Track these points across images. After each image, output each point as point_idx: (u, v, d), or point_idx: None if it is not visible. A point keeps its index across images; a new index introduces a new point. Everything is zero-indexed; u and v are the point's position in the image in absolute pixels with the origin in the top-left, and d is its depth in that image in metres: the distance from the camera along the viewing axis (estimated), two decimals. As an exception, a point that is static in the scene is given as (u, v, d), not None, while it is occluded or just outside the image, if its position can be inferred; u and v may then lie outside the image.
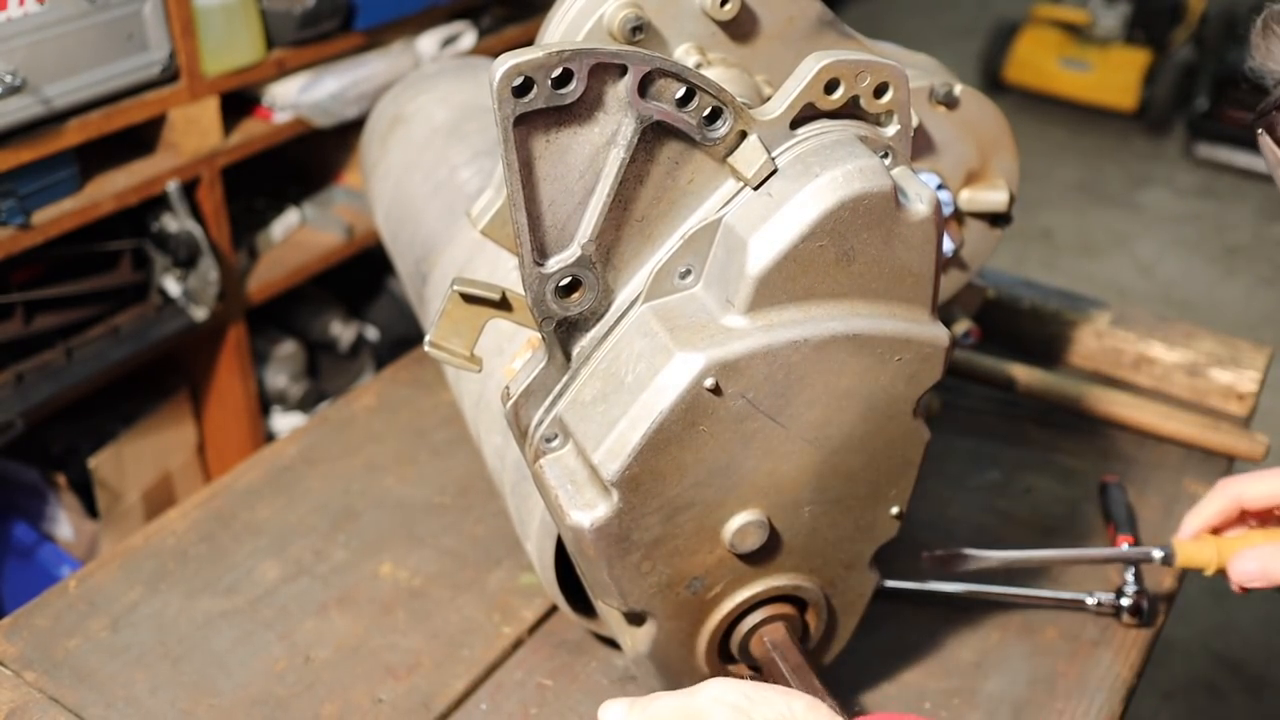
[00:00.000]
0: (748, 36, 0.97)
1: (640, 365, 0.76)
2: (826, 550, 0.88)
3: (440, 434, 1.35)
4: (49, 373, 1.91)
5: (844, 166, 0.74)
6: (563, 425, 0.80)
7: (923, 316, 0.81)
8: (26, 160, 1.75)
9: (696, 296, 0.78)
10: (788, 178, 0.75)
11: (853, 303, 0.78)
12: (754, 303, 0.75)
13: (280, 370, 2.41)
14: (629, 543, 0.80)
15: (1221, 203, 4.29)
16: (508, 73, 0.68)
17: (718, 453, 0.78)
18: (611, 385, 0.78)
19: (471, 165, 1.25)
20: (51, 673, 1.04)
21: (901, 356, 0.80)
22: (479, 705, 1.03)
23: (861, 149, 0.76)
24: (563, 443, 0.81)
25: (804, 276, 0.75)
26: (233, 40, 2.01)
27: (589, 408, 0.78)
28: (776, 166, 0.76)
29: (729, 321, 0.76)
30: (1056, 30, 4.70)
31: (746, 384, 0.76)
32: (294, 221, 2.40)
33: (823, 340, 0.77)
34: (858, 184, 0.74)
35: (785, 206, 0.74)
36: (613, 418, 0.76)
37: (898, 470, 0.86)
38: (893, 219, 0.76)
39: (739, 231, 0.75)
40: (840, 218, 0.74)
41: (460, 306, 0.85)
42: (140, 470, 2.21)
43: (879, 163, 0.76)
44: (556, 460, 0.81)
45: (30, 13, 1.71)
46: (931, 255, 0.79)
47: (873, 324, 0.78)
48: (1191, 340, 1.45)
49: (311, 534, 1.21)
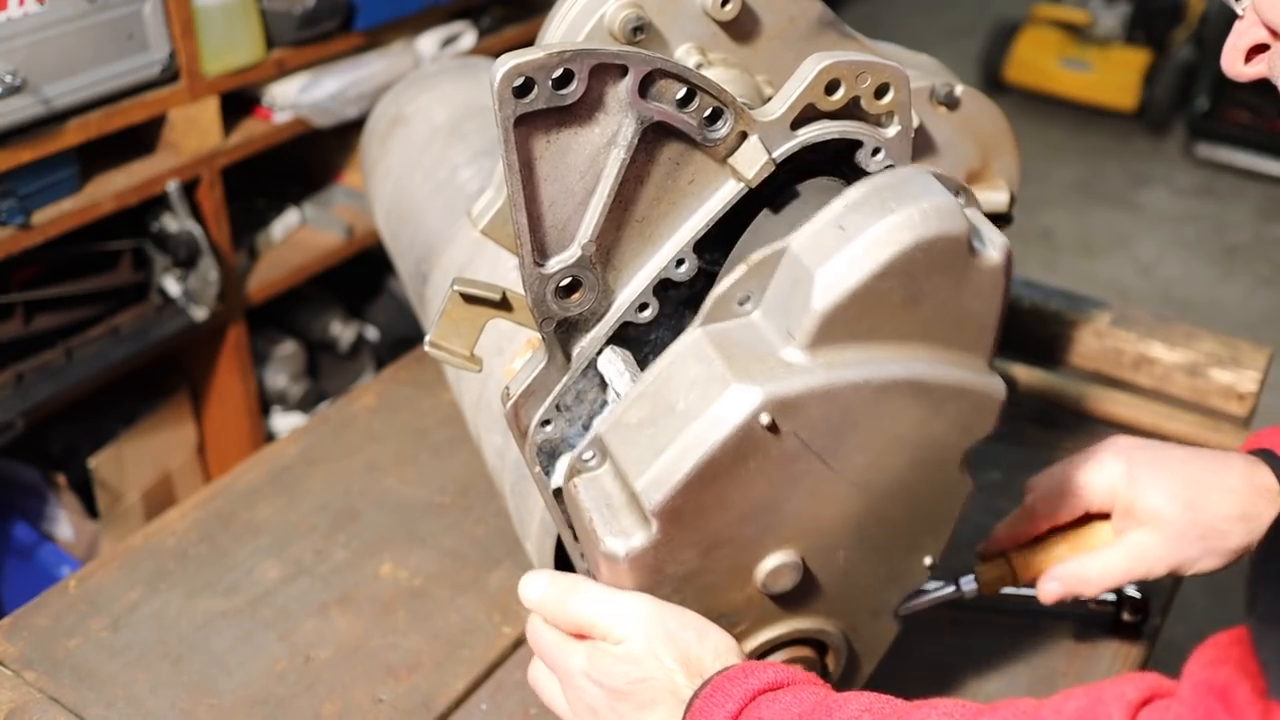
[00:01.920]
0: (749, 37, 0.97)
1: (693, 393, 0.73)
2: (856, 596, 0.86)
3: (440, 434, 1.35)
4: (49, 373, 1.91)
5: (920, 205, 0.71)
6: (603, 446, 0.77)
7: (981, 366, 0.78)
8: (26, 160, 1.75)
9: (755, 324, 0.75)
10: (861, 211, 0.71)
11: (914, 347, 0.74)
12: (816, 339, 0.72)
13: (280, 370, 2.41)
14: (661, 575, 0.77)
15: (1221, 203, 4.29)
16: (508, 73, 0.68)
17: (763, 491, 0.75)
18: (660, 410, 0.74)
19: (472, 165, 1.25)
20: (51, 673, 1.04)
21: (958, 406, 0.77)
22: (479, 705, 1.03)
23: (938, 186, 0.73)
24: (600, 463, 0.78)
25: (869, 316, 0.72)
26: (233, 40, 2.01)
27: (634, 431, 0.75)
28: (776, 166, 0.76)
29: (788, 355, 0.72)
30: (1056, 30, 4.70)
31: (802, 423, 0.73)
32: (294, 221, 2.40)
33: (883, 384, 0.73)
34: (934, 224, 0.70)
35: (857, 241, 0.70)
36: (660, 445, 0.73)
37: (938, 520, 0.84)
38: (965, 264, 0.73)
39: (806, 262, 0.71)
40: (913, 258, 0.70)
41: (460, 306, 0.85)
42: (140, 470, 2.21)
43: (956, 203, 0.72)
44: (593, 481, 0.78)
45: (30, 13, 1.71)
46: (998, 304, 0.76)
47: (933, 371, 0.75)
48: (1191, 340, 1.45)
49: (311, 534, 1.21)
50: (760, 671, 0.75)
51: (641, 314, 0.82)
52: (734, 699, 0.73)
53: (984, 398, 0.78)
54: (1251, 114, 4.30)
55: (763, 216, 0.82)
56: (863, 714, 0.71)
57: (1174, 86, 4.57)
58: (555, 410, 0.85)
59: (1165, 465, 0.94)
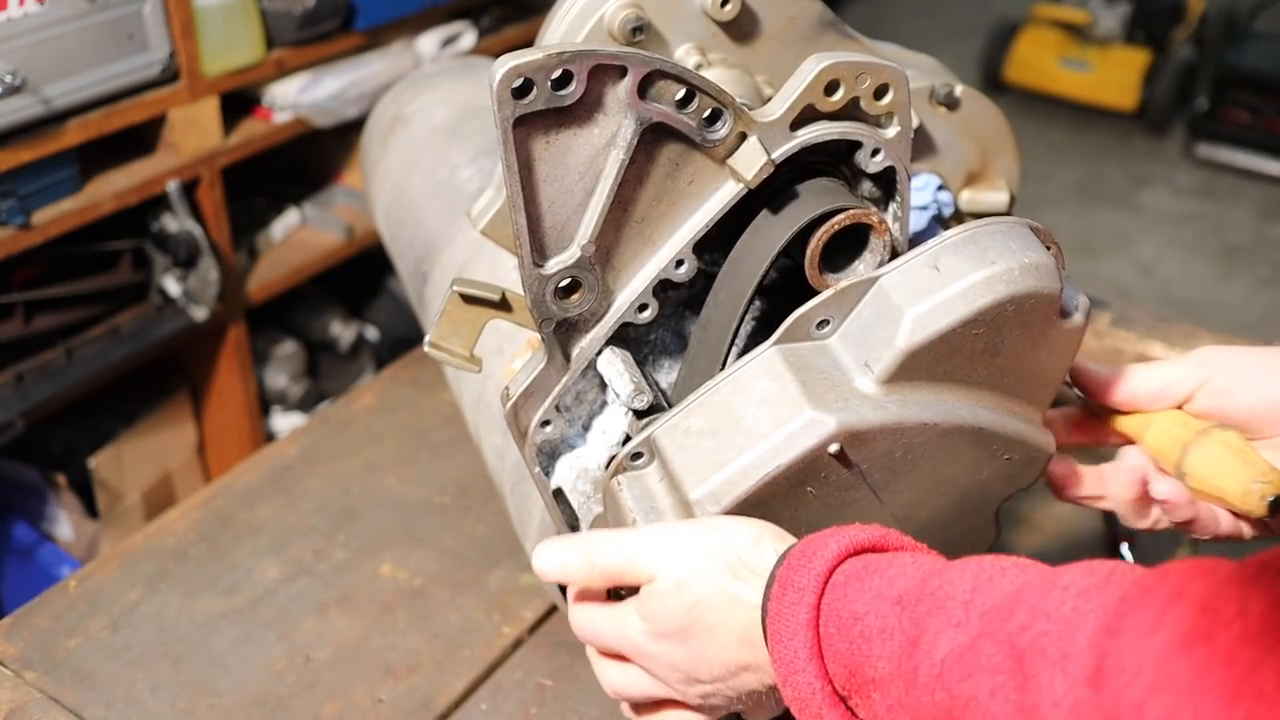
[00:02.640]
0: (748, 37, 0.97)
1: (762, 411, 0.73)
2: None
3: (440, 434, 1.35)
4: (49, 373, 1.92)
5: (1021, 260, 0.72)
6: (655, 447, 0.76)
7: (1037, 419, 0.79)
8: (26, 160, 1.76)
9: (830, 350, 0.75)
10: (959, 256, 0.72)
11: (982, 394, 0.75)
12: (894, 374, 0.72)
13: (280, 370, 2.42)
14: None
15: (1221, 203, 4.29)
16: (507, 74, 0.68)
17: (812, 516, 0.75)
18: (725, 422, 0.74)
19: (471, 165, 1.25)
20: (51, 673, 1.04)
21: (1011, 456, 0.78)
22: (479, 705, 1.03)
23: (1036, 243, 0.74)
24: (648, 462, 0.77)
25: (949, 360, 0.73)
26: (233, 40, 2.01)
27: (693, 439, 0.74)
28: (776, 167, 0.76)
29: (862, 386, 0.73)
30: (1056, 30, 4.70)
31: (866, 455, 0.73)
32: (294, 221, 2.40)
33: (949, 427, 0.74)
34: (1032, 281, 0.72)
35: (952, 286, 0.71)
36: (722, 458, 0.72)
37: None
38: (1048, 322, 0.74)
39: (895, 299, 0.72)
40: (1003, 311, 0.72)
41: (460, 307, 0.85)
42: (140, 470, 2.21)
43: (1053, 263, 0.74)
44: (637, 480, 0.77)
45: (30, 13, 1.71)
46: (1068, 364, 0.78)
47: (996, 420, 0.76)
48: (1191, 340, 1.45)
49: (311, 534, 1.21)
50: (837, 536, 0.67)
51: (641, 315, 0.82)
52: (813, 575, 0.65)
53: (1036, 451, 0.79)
54: (1251, 114, 4.30)
55: (762, 217, 0.82)
56: (973, 594, 0.61)
57: (1174, 86, 4.57)
58: (555, 411, 0.85)
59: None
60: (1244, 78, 4.27)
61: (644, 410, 0.82)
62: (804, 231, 0.80)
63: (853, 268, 0.84)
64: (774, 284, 0.89)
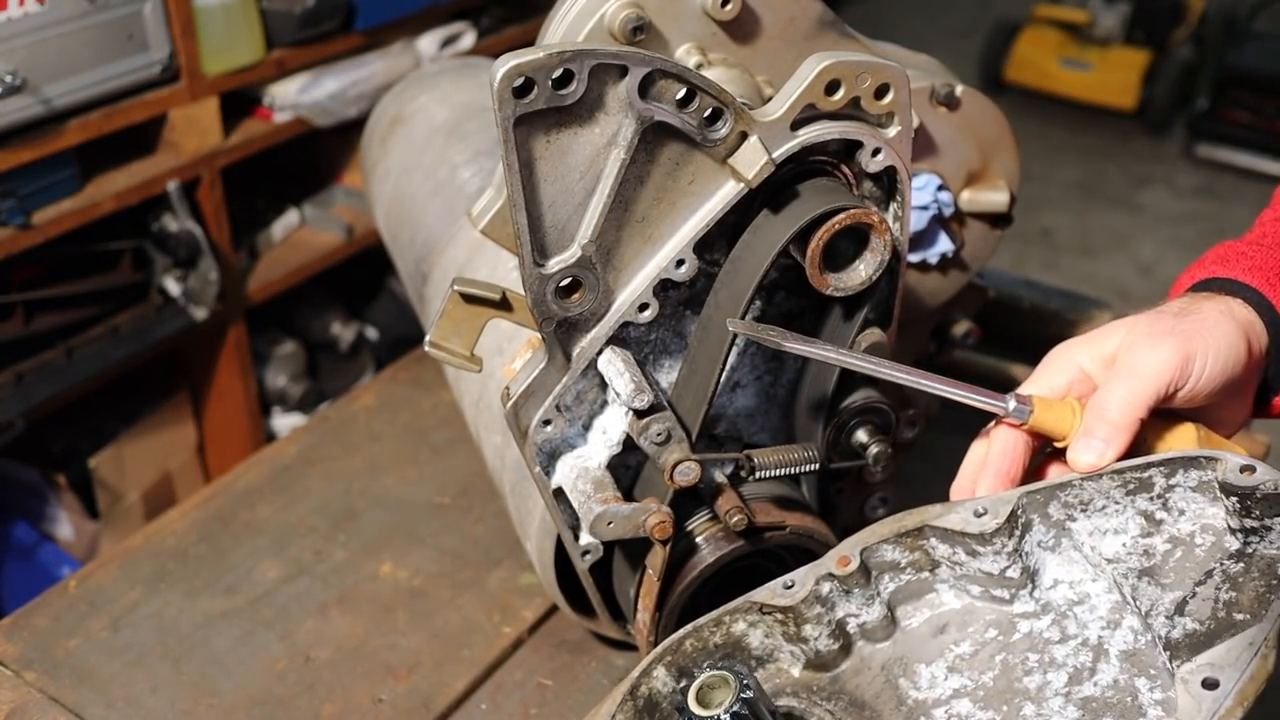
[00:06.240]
0: (749, 37, 0.97)
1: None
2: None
3: (440, 434, 1.35)
4: (49, 373, 1.92)
5: None
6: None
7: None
8: (27, 160, 1.76)
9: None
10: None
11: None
12: None
13: (280, 370, 2.42)
14: None
15: (1221, 203, 4.29)
16: (508, 73, 0.68)
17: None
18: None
19: (471, 165, 1.25)
20: (51, 673, 1.04)
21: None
22: (479, 705, 1.03)
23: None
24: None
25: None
26: (233, 40, 2.01)
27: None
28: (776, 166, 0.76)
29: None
30: (1056, 30, 4.70)
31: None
32: (294, 221, 2.40)
33: None
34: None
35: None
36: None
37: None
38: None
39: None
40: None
41: (460, 306, 0.85)
42: (140, 470, 2.21)
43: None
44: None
45: (30, 13, 1.71)
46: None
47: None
48: (1191, 340, 1.45)
49: (311, 534, 1.21)
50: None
51: (641, 314, 0.82)
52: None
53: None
54: (1251, 114, 4.30)
55: (763, 217, 0.82)
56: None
57: (1174, 86, 4.57)
58: (555, 410, 0.85)
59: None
60: (1244, 78, 4.27)
61: (644, 410, 0.82)
62: (805, 231, 0.80)
63: (853, 267, 0.84)
64: (774, 283, 0.90)
